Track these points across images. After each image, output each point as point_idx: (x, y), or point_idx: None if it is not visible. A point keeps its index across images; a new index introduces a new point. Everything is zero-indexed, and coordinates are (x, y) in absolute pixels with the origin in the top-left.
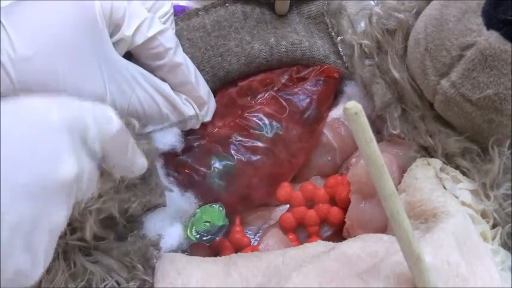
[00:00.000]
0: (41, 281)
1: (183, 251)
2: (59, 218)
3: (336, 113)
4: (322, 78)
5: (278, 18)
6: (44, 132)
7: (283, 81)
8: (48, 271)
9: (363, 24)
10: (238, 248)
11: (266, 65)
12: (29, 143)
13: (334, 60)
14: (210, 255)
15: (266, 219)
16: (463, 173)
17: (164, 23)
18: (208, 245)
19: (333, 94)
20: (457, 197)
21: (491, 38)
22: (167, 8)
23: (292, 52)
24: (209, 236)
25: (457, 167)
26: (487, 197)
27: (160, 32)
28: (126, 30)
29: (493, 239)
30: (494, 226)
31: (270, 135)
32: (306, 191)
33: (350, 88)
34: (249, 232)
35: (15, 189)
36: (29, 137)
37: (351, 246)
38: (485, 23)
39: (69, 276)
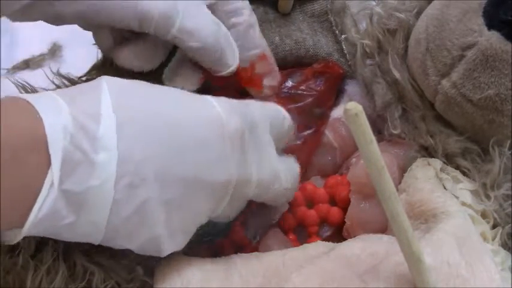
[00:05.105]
0: (40, 281)
1: (183, 252)
2: (204, 209)
3: (337, 112)
4: (325, 76)
5: (282, 17)
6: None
7: (290, 83)
8: (48, 271)
9: (364, 24)
10: (238, 249)
11: None
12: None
13: (337, 58)
14: (210, 256)
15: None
16: (464, 173)
17: None
18: (208, 246)
19: (335, 92)
20: (457, 197)
21: (493, 39)
22: None
23: (296, 50)
24: (209, 237)
25: (457, 167)
26: (487, 197)
27: None
28: None
29: (493, 239)
30: (494, 226)
31: None
32: (306, 190)
33: (351, 87)
34: (249, 232)
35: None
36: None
37: (351, 247)
38: (487, 23)
39: (69, 276)
